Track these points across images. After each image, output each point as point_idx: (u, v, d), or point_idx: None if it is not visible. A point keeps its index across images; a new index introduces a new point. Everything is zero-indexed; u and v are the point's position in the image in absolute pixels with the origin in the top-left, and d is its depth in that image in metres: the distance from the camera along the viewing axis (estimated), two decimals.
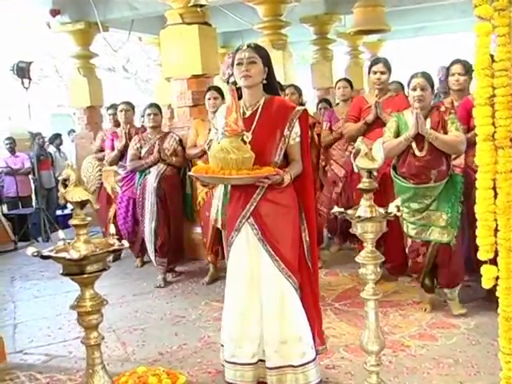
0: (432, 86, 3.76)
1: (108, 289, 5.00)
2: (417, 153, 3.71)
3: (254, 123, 2.77)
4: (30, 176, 8.62)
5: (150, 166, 5.08)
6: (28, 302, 4.96)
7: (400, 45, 14.04)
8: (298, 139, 2.82)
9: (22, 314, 4.66)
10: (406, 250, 3.97)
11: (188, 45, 5.70)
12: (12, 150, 8.76)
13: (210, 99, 4.85)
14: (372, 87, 4.75)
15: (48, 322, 4.40)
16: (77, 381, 3.16)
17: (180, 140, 5.20)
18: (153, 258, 5.19)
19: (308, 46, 10.26)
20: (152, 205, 5.07)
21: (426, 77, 3.74)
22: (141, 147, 5.13)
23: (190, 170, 5.02)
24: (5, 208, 8.61)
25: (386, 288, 4.34)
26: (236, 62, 2.81)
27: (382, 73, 4.53)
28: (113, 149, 5.63)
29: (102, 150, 5.95)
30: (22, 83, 7.30)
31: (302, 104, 5.76)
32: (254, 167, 2.57)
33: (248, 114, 2.82)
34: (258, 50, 2.83)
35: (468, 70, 4.15)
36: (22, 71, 7.26)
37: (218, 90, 4.92)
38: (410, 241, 3.91)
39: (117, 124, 5.83)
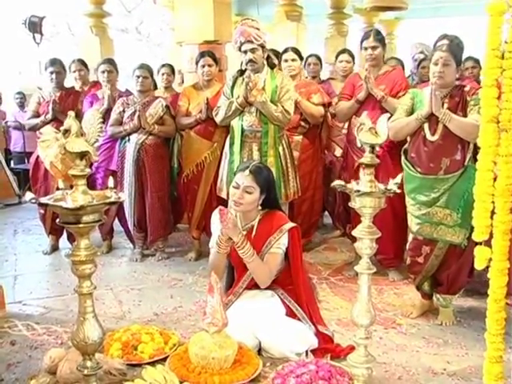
0: (458, 62, 3.23)
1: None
2: (428, 136, 3.25)
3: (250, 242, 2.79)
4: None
5: (130, 134, 4.58)
6: (29, 256, 5.03)
7: (418, 24, 13.79)
8: (280, 251, 2.79)
9: (22, 266, 4.73)
10: (406, 247, 3.60)
11: (202, 9, 5.63)
12: (22, 105, 8.76)
13: (204, 66, 4.55)
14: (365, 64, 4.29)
15: (47, 276, 4.49)
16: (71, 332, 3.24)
17: (167, 107, 4.64)
18: (132, 232, 4.86)
19: (323, 19, 10.13)
20: (130, 176, 4.62)
21: (452, 50, 3.18)
22: (123, 111, 4.60)
23: (178, 142, 4.84)
24: (11, 162, 8.66)
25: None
26: (233, 185, 2.81)
27: (374, 48, 4.04)
28: None
29: (37, 114, 4.91)
30: (34, 38, 7.26)
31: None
32: (236, 363, 2.49)
33: (244, 233, 2.80)
34: (258, 176, 2.79)
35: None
36: (34, 26, 7.22)
37: (212, 55, 4.62)
38: (411, 236, 3.51)
39: (59, 85, 4.90)
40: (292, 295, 2.89)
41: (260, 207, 2.87)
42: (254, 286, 2.90)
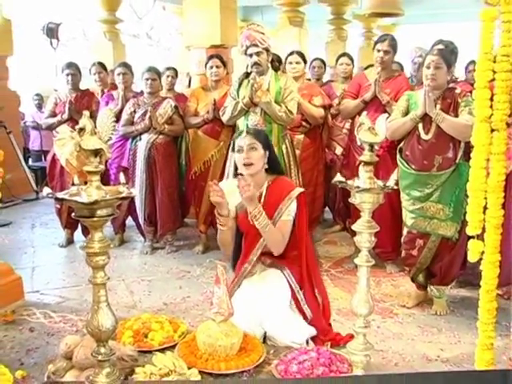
0: (449, 66, 3.27)
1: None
2: (422, 135, 3.30)
3: None
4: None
5: (141, 133, 4.59)
6: (46, 248, 5.05)
7: (414, 30, 13.74)
8: (289, 217, 2.74)
9: (40, 258, 4.75)
10: (401, 240, 3.58)
11: (209, 15, 5.66)
12: (39, 106, 8.79)
13: (212, 67, 4.58)
14: (374, 64, 4.25)
15: (63, 268, 4.50)
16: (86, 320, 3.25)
17: (176, 107, 4.64)
18: (142, 226, 4.84)
19: (324, 25, 10.12)
20: (142, 173, 4.62)
21: (443, 55, 3.24)
22: (134, 112, 4.62)
23: (186, 140, 4.85)
24: (29, 160, 8.68)
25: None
26: (236, 149, 2.75)
27: (386, 52, 4.03)
28: None
29: (54, 114, 4.93)
30: (51, 43, 7.28)
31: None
32: (242, 350, 2.47)
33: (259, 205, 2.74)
34: (257, 135, 2.75)
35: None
36: (52, 32, 7.26)
37: (221, 58, 4.65)
38: (405, 230, 3.51)
39: (75, 87, 4.94)
40: (296, 275, 2.83)
41: (266, 166, 2.79)
42: (267, 252, 2.83)
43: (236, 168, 2.85)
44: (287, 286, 2.82)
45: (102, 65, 5.38)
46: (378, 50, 4.06)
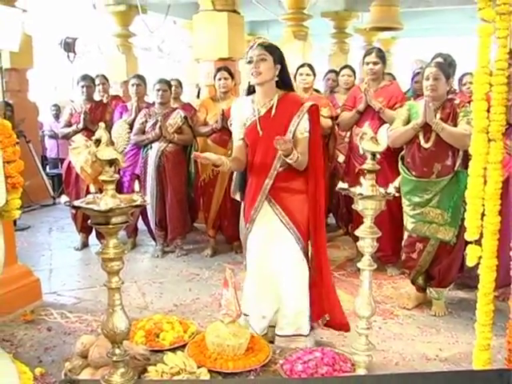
0: (448, 77, 3.29)
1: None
2: (422, 143, 3.30)
3: (269, 121, 2.66)
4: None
5: (152, 142, 4.61)
6: (63, 251, 5.06)
7: (414, 43, 13.72)
8: (306, 134, 2.65)
9: (57, 261, 4.76)
10: (402, 244, 3.58)
11: (217, 30, 5.68)
12: (56, 116, 8.82)
13: (220, 79, 4.57)
14: (365, 77, 4.24)
15: (78, 270, 4.51)
16: (101, 321, 3.25)
17: (186, 117, 4.63)
18: (154, 230, 4.85)
19: (327, 38, 10.14)
20: (152, 180, 4.64)
21: (441, 67, 3.27)
22: (146, 121, 4.64)
23: (195, 149, 4.79)
24: (47, 167, 8.71)
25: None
26: (247, 60, 2.64)
27: (375, 63, 4.05)
28: None
29: (69, 124, 4.92)
30: (68, 57, 7.32)
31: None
32: (249, 350, 2.47)
33: (263, 112, 2.68)
34: (268, 47, 2.63)
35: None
36: (69, 46, 7.31)
37: (228, 70, 4.65)
38: (406, 234, 3.51)
39: (89, 98, 4.96)
40: (303, 235, 2.77)
41: (277, 78, 2.68)
42: (288, 168, 2.71)
43: (249, 86, 2.78)
44: (296, 244, 2.75)
45: (104, 77, 5.54)
46: (367, 63, 4.09)
